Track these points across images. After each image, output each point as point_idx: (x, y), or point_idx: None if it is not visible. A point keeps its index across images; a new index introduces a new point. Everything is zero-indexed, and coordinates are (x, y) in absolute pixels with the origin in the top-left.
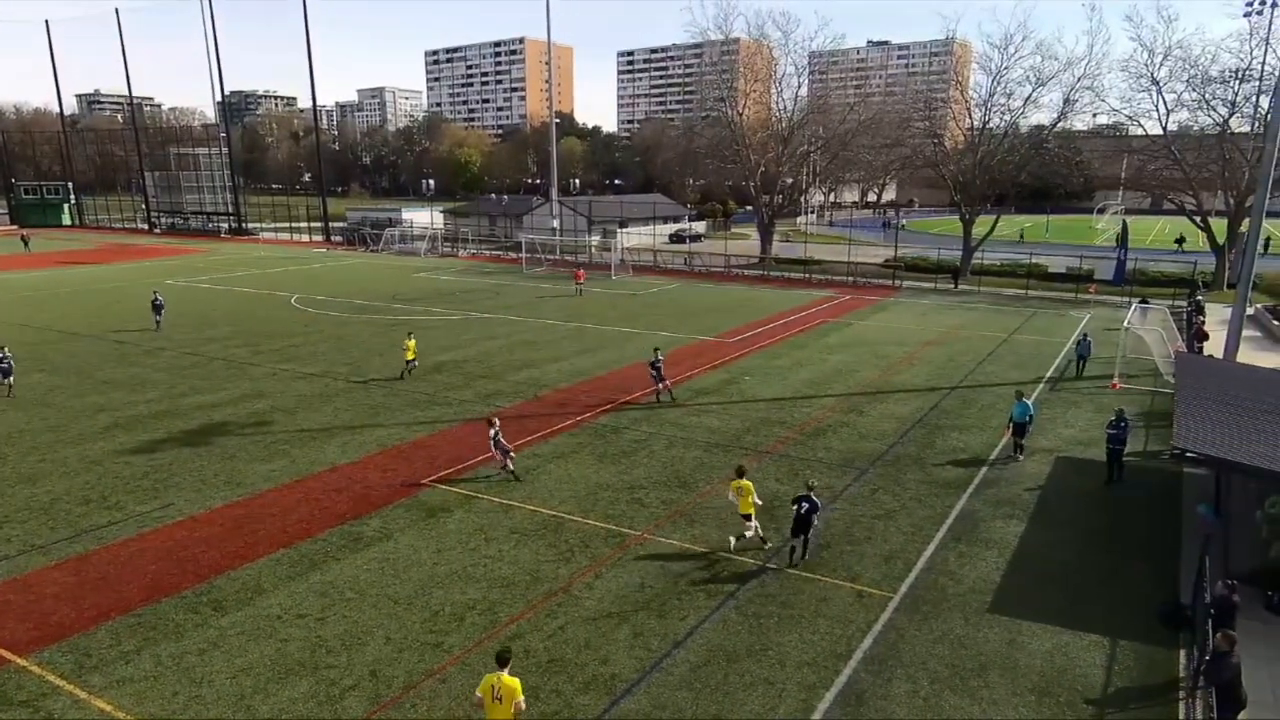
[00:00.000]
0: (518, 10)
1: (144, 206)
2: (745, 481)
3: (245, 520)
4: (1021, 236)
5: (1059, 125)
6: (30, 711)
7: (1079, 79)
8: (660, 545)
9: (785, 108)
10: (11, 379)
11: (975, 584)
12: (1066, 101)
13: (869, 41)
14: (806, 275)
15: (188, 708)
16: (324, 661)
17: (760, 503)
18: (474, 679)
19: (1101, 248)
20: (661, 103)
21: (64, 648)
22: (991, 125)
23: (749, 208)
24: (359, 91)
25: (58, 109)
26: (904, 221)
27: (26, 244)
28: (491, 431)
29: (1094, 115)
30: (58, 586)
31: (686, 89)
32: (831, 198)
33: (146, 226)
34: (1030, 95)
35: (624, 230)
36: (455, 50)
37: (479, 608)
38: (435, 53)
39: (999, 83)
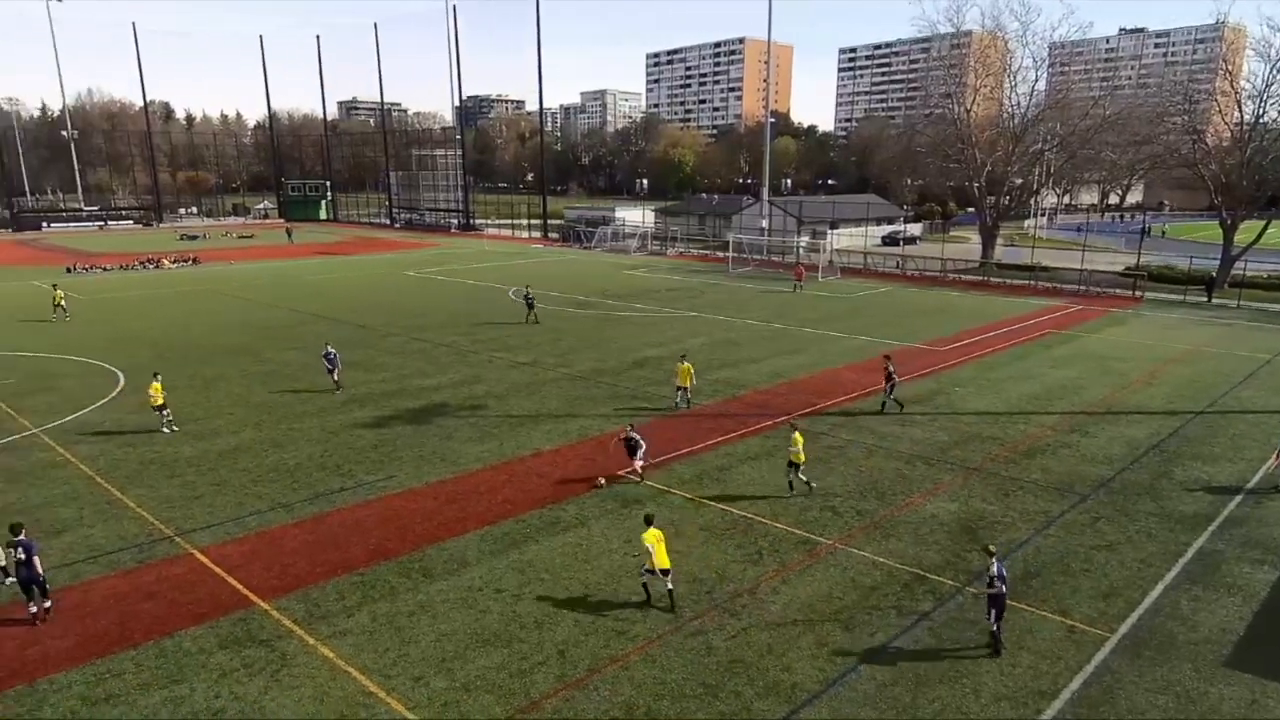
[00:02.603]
0: (739, 10)
1: (387, 203)
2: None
3: (456, 496)
4: None
5: None
6: (268, 650)
7: None
8: (852, 556)
9: (1019, 103)
10: (337, 374)
11: (1211, 633)
12: None
13: (1120, 29)
14: (1032, 282)
15: (396, 664)
16: (517, 636)
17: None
18: (656, 669)
19: None
20: (882, 100)
21: (298, 597)
22: (1266, 119)
23: (971, 209)
24: (582, 94)
25: (322, 114)
26: (1164, 226)
27: (290, 236)
28: (629, 435)
29: None
30: (296, 542)
31: (910, 85)
32: (1066, 199)
33: (388, 221)
34: None
35: (834, 231)
36: (675, 52)
37: (665, 601)
38: (656, 55)
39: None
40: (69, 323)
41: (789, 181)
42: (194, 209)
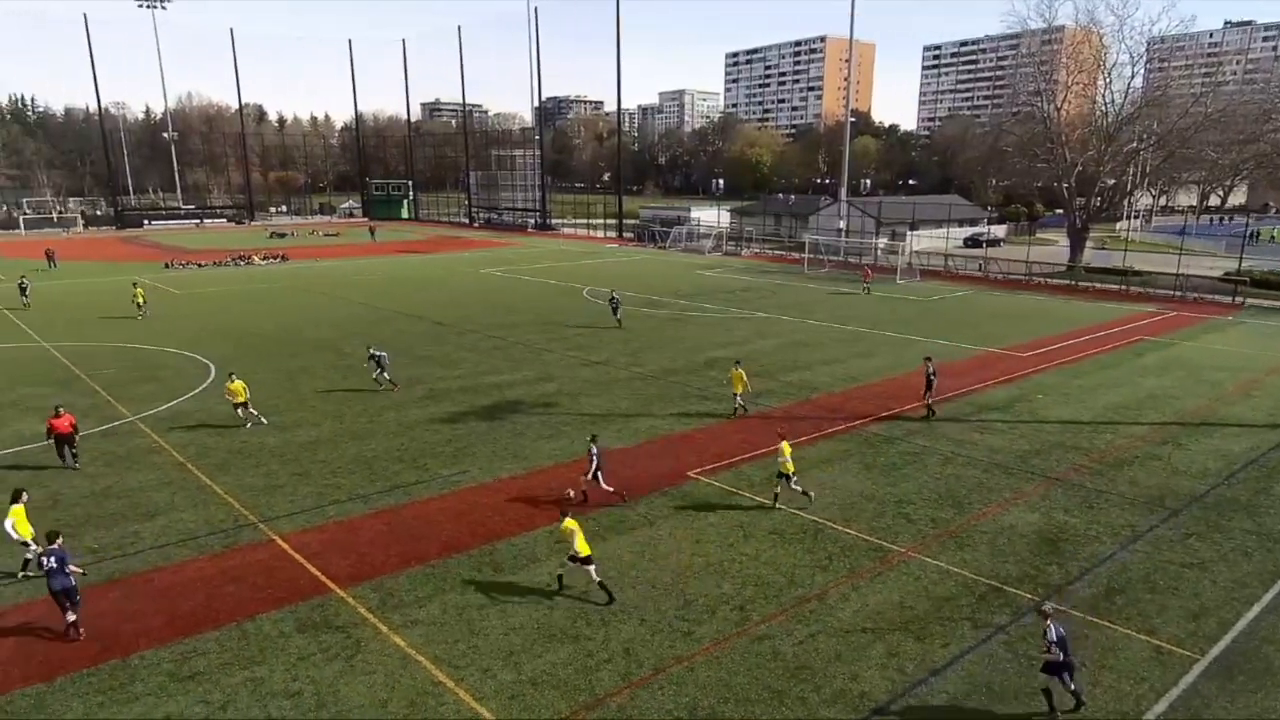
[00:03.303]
0: (821, 8)
1: (466, 202)
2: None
3: (526, 492)
4: None
5: None
6: (343, 636)
7: None
8: (925, 565)
9: (1113, 100)
10: (386, 374)
11: None
12: None
13: (1226, 22)
14: (1123, 287)
15: (465, 655)
16: (583, 633)
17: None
18: (721, 671)
19: None
20: (967, 99)
21: (373, 586)
22: None
23: (1058, 211)
24: (660, 94)
25: (406, 116)
26: (1274, 230)
27: (373, 234)
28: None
29: None
30: (373, 532)
31: (997, 83)
32: (1163, 201)
33: (467, 220)
34: None
35: (914, 233)
36: (755, 51)
37: (732, 603)
38: (735, 54)
39: None
40: (149, 319)
41: (868, 182)
42: (283, 208)
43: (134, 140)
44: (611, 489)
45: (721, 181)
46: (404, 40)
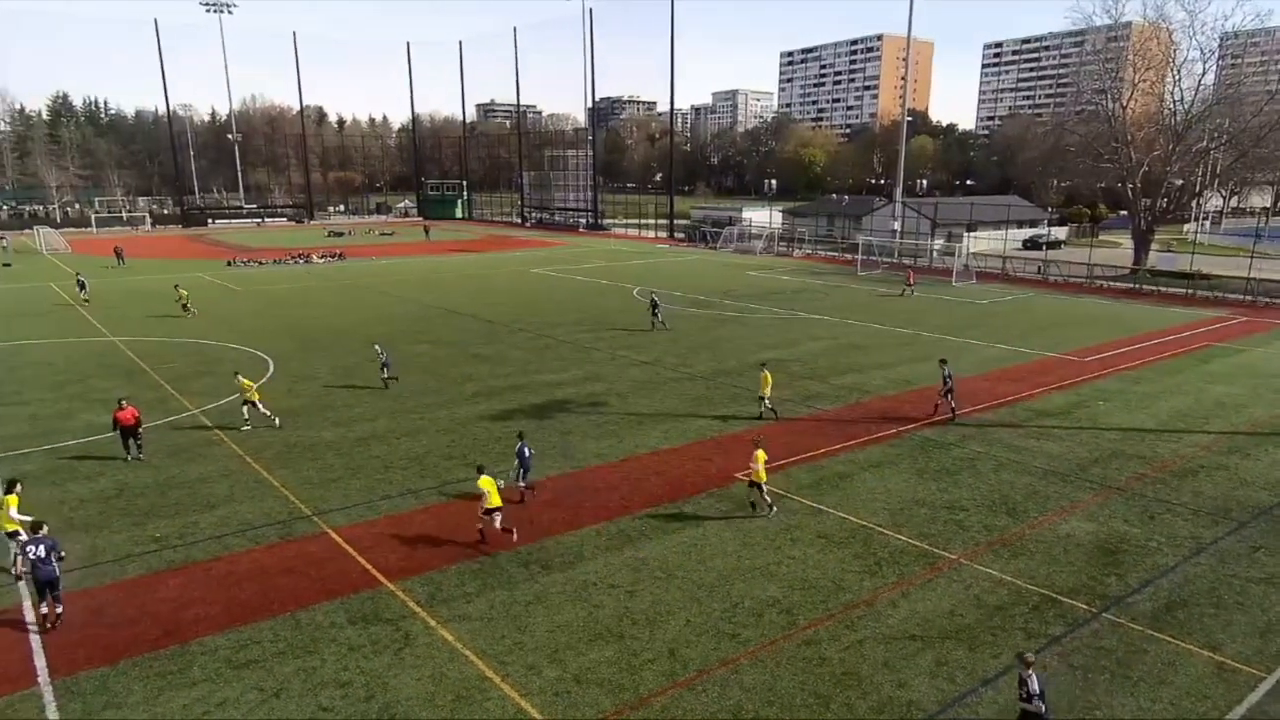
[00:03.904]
0: (878, 6)
1: (519, 202)
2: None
3: (573, 491)
4: None
5: None
6: (393, 629)
7: None
8: (977, 573)
9: (1182, 99)
10: (388, 371)
11: None
12: None
13: None
14: (1189, 291)
15: (511, 651)
16: (629, 632)
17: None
18: (766, 675)
19: None
20: (1029, 98)
21: (422, 580)
22: None
23: (1123, 212)
24: (713, 94)
25: (461, 117)
26: None
27: (428, 233)
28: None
29: None
30: (422, 527)
31: (1060, 81)
32: (1234, 202)
33: (519, 220)
34: None
35: (971, 234)
36: (810, 50)
37: (778, 606)
38: (790, 53)
39: None
40: (194, 318)
41: (924, 182)
42: (341, 207)
43: (200, 141)
44: (525, 488)
45: (774, 182)
46: (460, 42)
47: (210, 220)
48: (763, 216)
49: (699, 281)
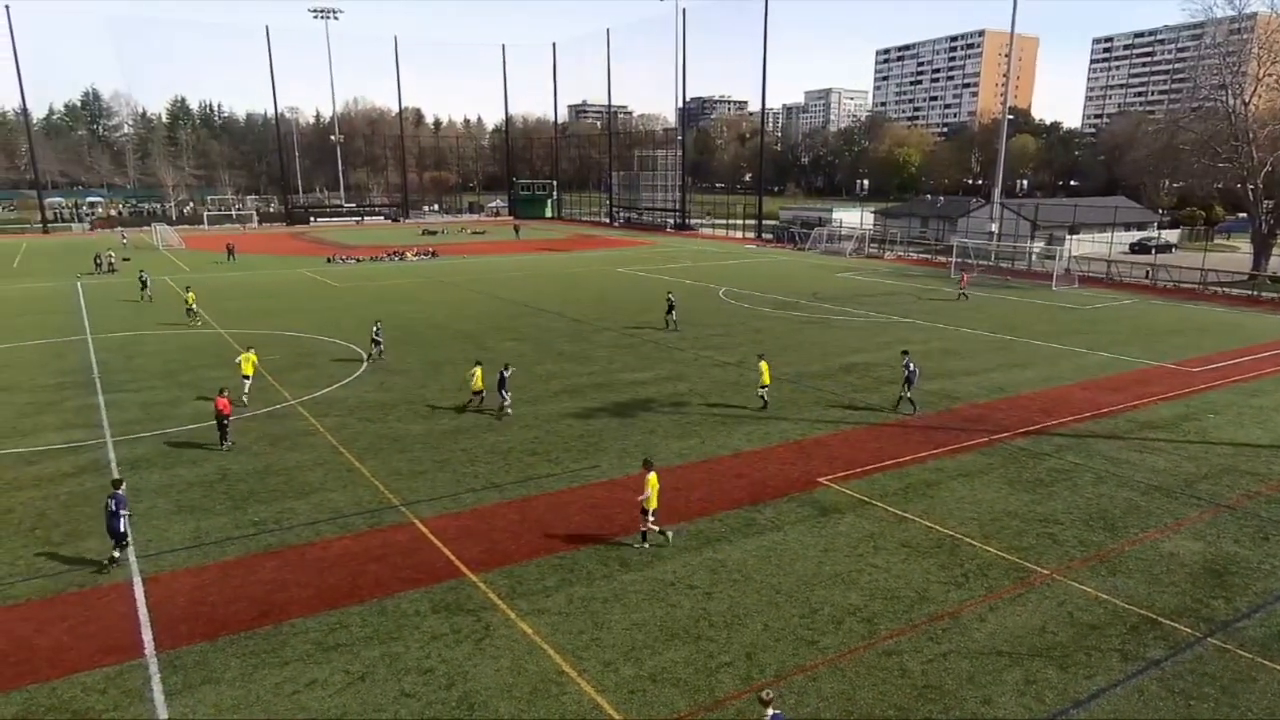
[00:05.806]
0: (979, 2)
1: (607, 202)
2: (653, 476)
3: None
4: None
5: None
6: (474, 620)
7: None
8: (1071, 589)
9: None
10: (378, 351)
11: None
12: None
13: None
14: None
15: (588, 646)
16: (705, 634)
17: None
18: (845, 684)
19: None
20: (1140, 94)
21: (503, 573)
22: None
23: (1241, 215)
24: (806, 93)
25: (553, 118)
26: None
27: (517, 232)
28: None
29: None
30: (505, 521)
31: (1175, 77)
32: None
33: (607, 220)
34: None
35: (1073, 237)
36: (907, 48)
37: (859, 615)
38: (886, 51)
39: None
40: (200, 326)
41: (1024, 183)
42: (435, 206)
43: (305, 142)
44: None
45: (866, 182)
46: (554, 44)
47: (312, 218)
48: (853, 217)
49: (787, 282)
